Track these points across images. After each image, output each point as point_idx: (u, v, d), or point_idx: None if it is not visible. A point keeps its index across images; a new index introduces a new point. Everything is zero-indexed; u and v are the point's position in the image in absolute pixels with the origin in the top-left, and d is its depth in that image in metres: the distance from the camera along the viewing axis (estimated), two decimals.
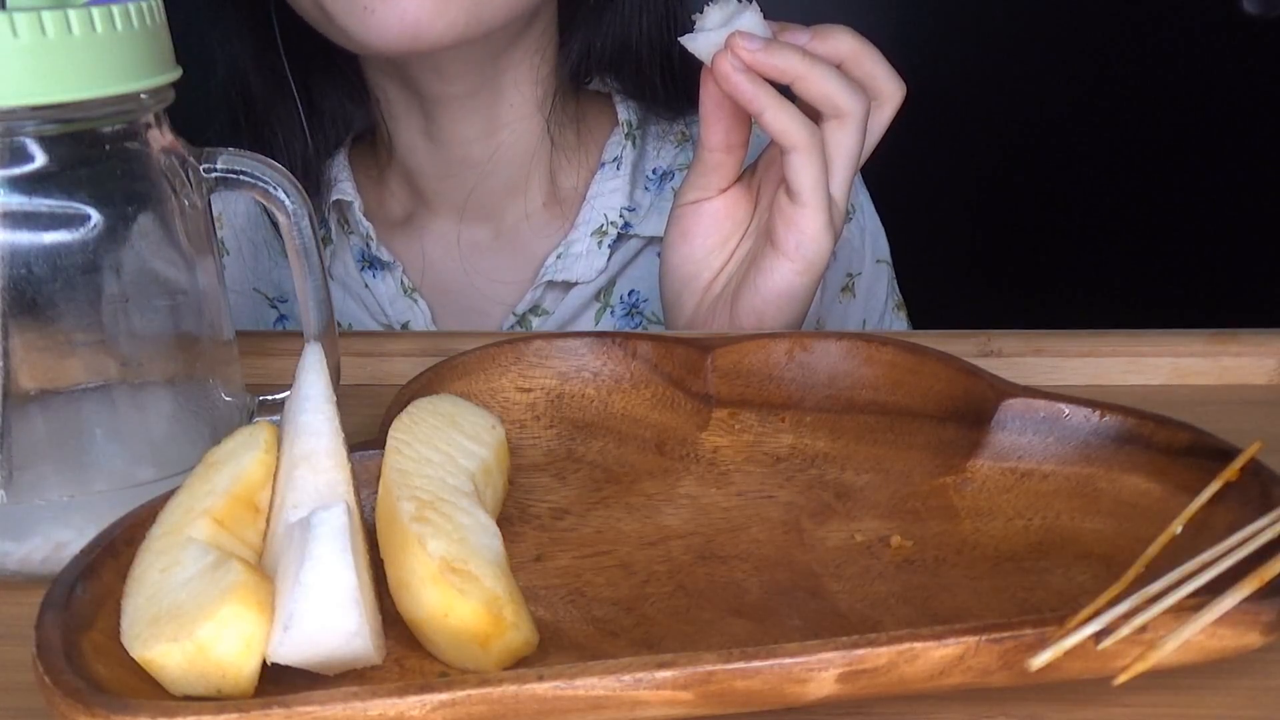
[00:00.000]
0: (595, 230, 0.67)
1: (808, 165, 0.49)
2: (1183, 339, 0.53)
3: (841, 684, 0.29)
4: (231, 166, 0.41)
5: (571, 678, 0.28)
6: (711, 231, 0.54)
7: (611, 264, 0.68)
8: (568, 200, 0.69)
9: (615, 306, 0.68)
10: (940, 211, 1.34)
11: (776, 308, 0.52)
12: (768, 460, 0.44)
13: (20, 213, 0.37)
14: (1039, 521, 0.39)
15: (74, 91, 0.36)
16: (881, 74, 0.52)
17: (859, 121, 0.50)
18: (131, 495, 0.37)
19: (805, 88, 0.50)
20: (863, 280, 0.71)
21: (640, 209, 0.69)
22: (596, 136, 0.70)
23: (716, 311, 0.54)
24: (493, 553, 0.33)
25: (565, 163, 0.69)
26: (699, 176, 0.54)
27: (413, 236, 0.70)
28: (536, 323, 0.68)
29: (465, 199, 0.68)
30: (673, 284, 0.56)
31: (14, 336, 0.38)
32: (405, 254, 0.69)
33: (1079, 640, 0.29)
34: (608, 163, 0.68)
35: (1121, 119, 1.39)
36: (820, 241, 0.51)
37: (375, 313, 0.70)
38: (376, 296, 0.69)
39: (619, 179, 0.68)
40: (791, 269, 0.51)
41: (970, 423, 0.42)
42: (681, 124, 0.72)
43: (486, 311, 0.69)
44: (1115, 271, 1.44)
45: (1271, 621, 0.30)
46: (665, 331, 0.61)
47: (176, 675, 0.30)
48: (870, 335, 0.47)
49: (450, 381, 0.45)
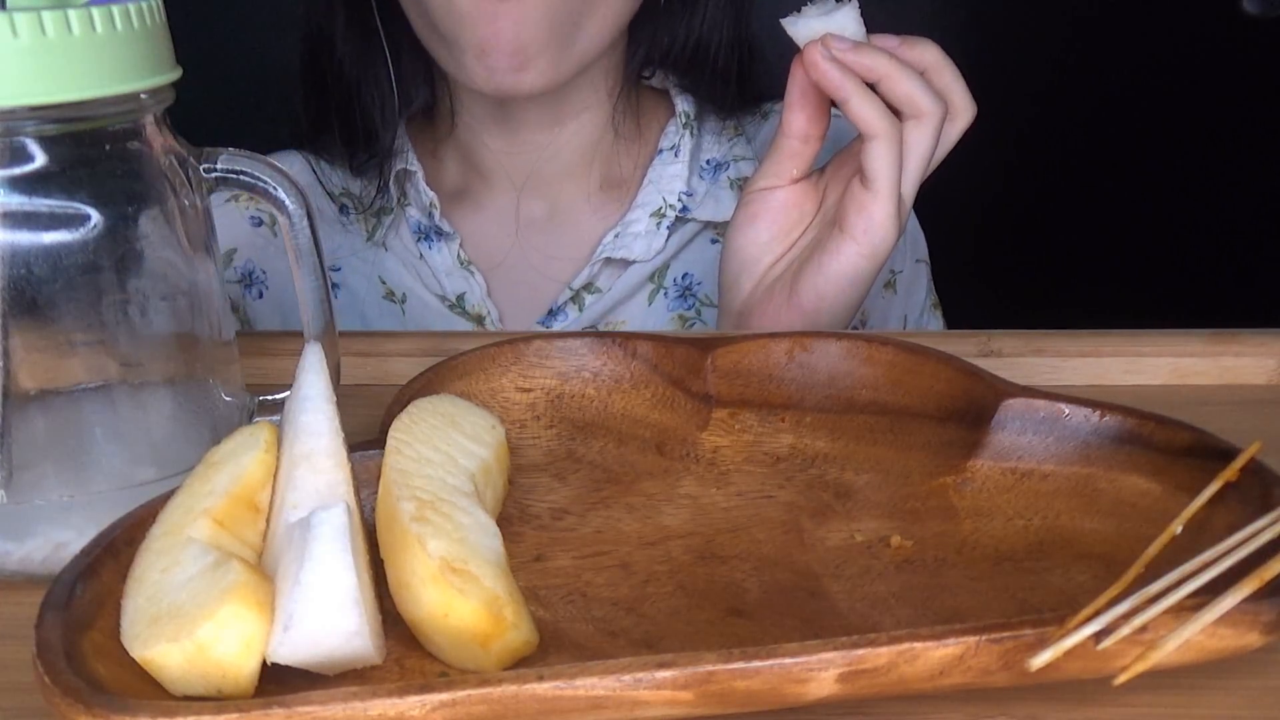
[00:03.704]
0: (654, 212, 0.70)
1: (885, 154, 0.52)
2: (1183, 339, 0.53)
3: (841, 684, 0.29)
4: (231, 166, 0.41)
5: (571, 678, 0.28)
6: (778, 219, 0.57)
7: (669, 246, 0.70)
8: (624, 184, 0.71)
9: (669, 288, 0.71)
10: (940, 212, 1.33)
11: (838, 288, 0.54)
12: (768, 460, 0.44)
13: (20, 213, 0.37)
14: (1039, 521, 0.39)
15: (74, 91, 0.36)
16: (958, 89, 0.55)
17: (936, 124, 0.53)
18: (131, 495, 0.37)
19: (890, 87, 0.52)
20: (903, 278, 0.74)
21: (697, 195, 0.71)
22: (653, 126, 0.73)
23: (774, 293, 0.56)
24: (493, 553, 0.33)
25: (623, 149, 0.72)
26: (774, 164, 0.57)
27: (468, 210, 0.72)
28: (590, 300, 0.70)
29: (525, 178, 0.71)
30: (732, 266, 0.58)
31: (14, 336, 0.38)
32: (461, 227, 0.71)
33: (1079, 640, 0.29)
34: (665, 150, 0.71)
35: (1121, 119, 1.39)
36: (887, 229, 0.53)
37: (430, 284, 0.71)
38: (432, 268, 0.71)
39: (678, 164, 0.70)
40: (857, 251, 0.53)
41: (970, 423, 0.42)
42: (734, 120, 0.75)
43: (540, 287, 0.71)
44: (1115, 271, 1.44)
45: (1271, 621, 0.30)
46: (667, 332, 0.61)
47: (176, 675, 0.30)
48: (870, 335, 0.47)
49: (450, 381, 0.45)
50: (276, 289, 0.72)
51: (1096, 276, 1.45)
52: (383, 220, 0.71)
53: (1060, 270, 1.45)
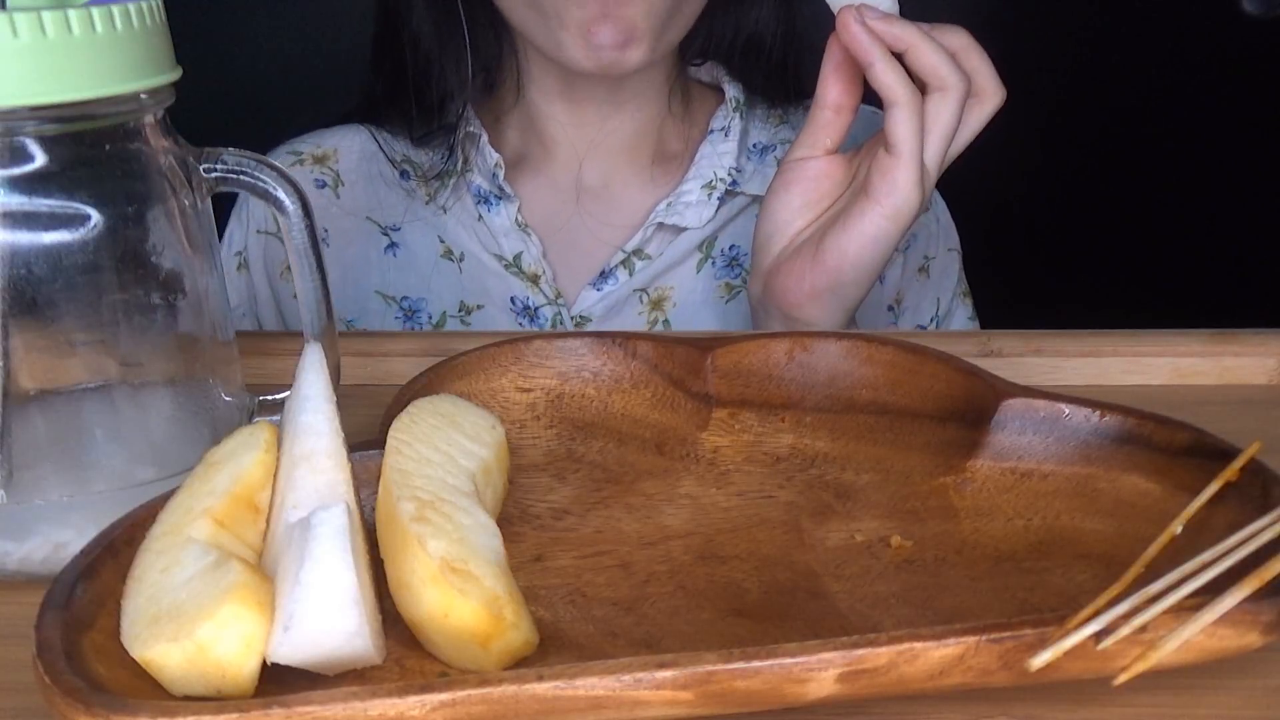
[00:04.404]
0: (705, 184, 0.74)
1: (905, 120, 0.55)
2: (1183, 339, 0.53)
3: (841, 684, 0.29)
4: (231, 166, 0.41)
5: (571, 678, 0.28)
6: (810, 188, 0.60)
7: (718, 216, 0.75)
8: (676, 160, 0.76)
9: (717, 258, 0.75)
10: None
11: (859, 246, 0.57)
12: (768, 460, 0.44)
13: (20, 213, 0.37)
14: (1039, 521, 0.39)
15: (74, 91, 0.36)
16: (985, 71, 0.58)
17: (959, 98, 0.56)
18: (131, 495, 0.37)
19: (915, 57, 0.55)
20: (936, 264, 0.79)
21: (745, 171, 0.76)
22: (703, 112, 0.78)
23: (801, 253, 0.59)
24: (493, 553, 0.33)
25: (675, 130, 0.77)
26: (809, 135, 0.60)
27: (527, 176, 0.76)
28: (640, 265, 0.74)
29: (585, 149, 0.76)
30: (765, 228, 0.62)
31: (14, 336, 0.38)
32: (519, 191, 0.75)
33: (1079, 640, 0.29)
34: (716, 130, 0.76)
35: (1121, 119, 1.39)
36: (909, 192, 0.56)
37: (488, 244, 0.75)
38: (491, 229, 0.75)
39: (728, 144, 0.75)
40: (880, 213, 0.56)
41: (970, 423, 0.42)
42: (780, 110, 0.79)
43: (594, 250, 0.75)
44: (1115, 271, 1.44)
45: (1271, 621, 0.30)
46: (667, 332, 0.61)
47: (176, 675, 0.30)
48: (870, 335, 0.47)
49: (450, 381, 0.45)
50: (336, 248, 0.76)
51: (1096, 276, 1.45)
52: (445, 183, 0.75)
53: (1060, 270, 1.45)
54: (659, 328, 0.73)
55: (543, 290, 0.73)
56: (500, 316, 0.74)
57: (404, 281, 0.76)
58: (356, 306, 0.76)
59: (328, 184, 0.77)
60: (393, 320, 0.75)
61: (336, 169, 0.77)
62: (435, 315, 0.75)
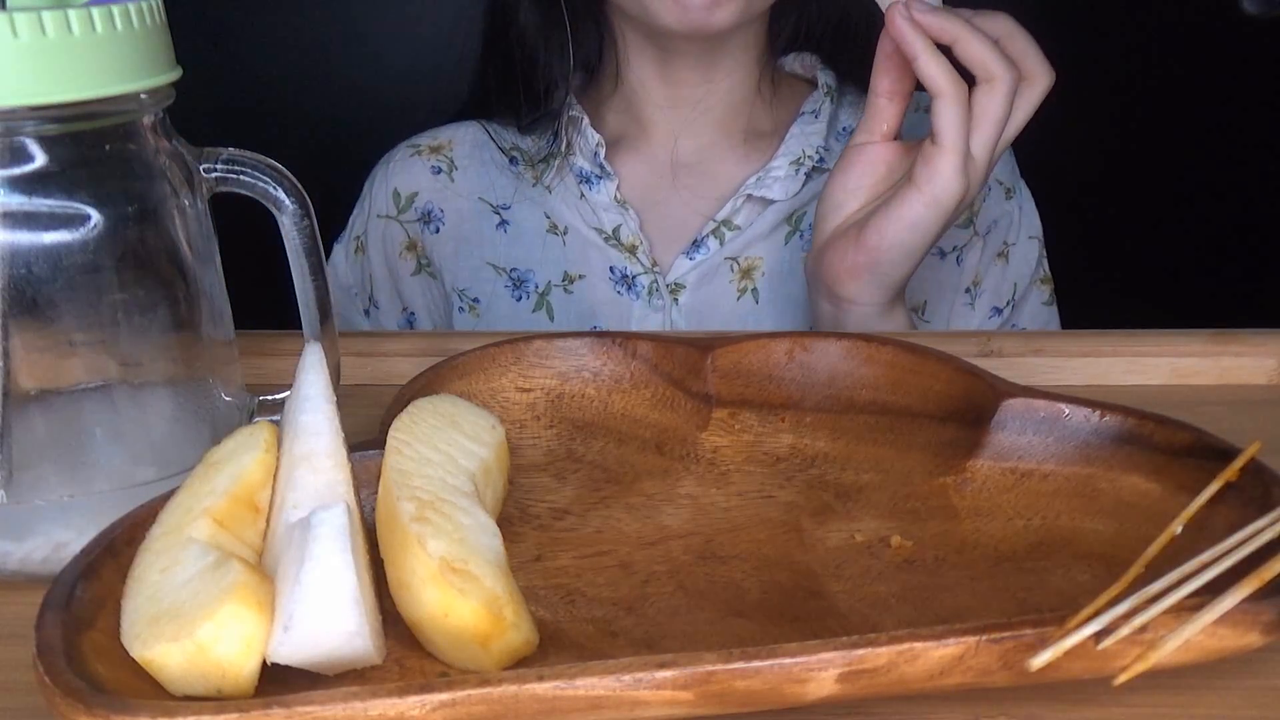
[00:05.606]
0: (793, 160, 0.78)
1: (949, 111, 0.57)
2: (1183, 339, 0.53)
3: (841, 684, 0.29)
4: (232, 166, 0.41)
5: (571, 678, 0.28)
6: (867, 172, 0.63)
7: (804, 192, 0.77)
8: (767, 138, 0.80)
9: (804, 231, 0.78)
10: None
11: (897, 229, 0.59)
12: (768, 460, 0.44)
13: (20, 213, 0.37)
14: (1039, 521, 0.39)
15: (74, 91, 0.36)
16: (1032, 55, 0.60)
17: (1008, 88, 0.58)
18: (131, 495, 0.37)
19: (962, 49, 0.57)
20: (1017, 249, 0.82)
21: (833, 151, 0.79)
22: (793, 97, 0.82)
23: (848, 233, 0.62)
24: (493, 553, 0.33)
25: (764, 111, 0.81)
26: (867, 121, 0.63)
27: (625, 156, 0.81)
28: (729, 235, 0.77)
29: (680, 127, 0.80)
30: (824, 207, 0.65)
31: (14, 336, 0.38)
32: (618, 170, 0.80)
33: (1079, 640, 0.29)
34: (806, 113, 0.80)
35: (1121, 119, 1.39)
36: (950, 181, 0.58)
37: (589, 219, 0.79)
38: (592, 205, 0.79)
39: (817, 124, 0.79)
40: (920, 200, 0.58)
41: (970, 423, 0.42)
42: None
43: (687, 221, 0.79)
44: (1115, 271, 1.44)
45: (1271, 621, 0.30)
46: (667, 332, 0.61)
47: (176, 675, 0.30)
48: (870, 335, 0.47)
49: (450, 381, 0.45)
50: (451, 225, 0.81)
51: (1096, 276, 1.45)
52: (550, 164, 0.80)
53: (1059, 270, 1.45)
54: (748, 296, 0.77)
55: (640, 260, 0.77)
56: (600, 285, 0.78)
57: (513, 254, 0.80)
58: (470, 276, 0.80)
59: (443, 169, 0.83)
60: (503, 289, 0.80)
61: (451, 156, 0.83)
62: (541, 285, 0.79)
